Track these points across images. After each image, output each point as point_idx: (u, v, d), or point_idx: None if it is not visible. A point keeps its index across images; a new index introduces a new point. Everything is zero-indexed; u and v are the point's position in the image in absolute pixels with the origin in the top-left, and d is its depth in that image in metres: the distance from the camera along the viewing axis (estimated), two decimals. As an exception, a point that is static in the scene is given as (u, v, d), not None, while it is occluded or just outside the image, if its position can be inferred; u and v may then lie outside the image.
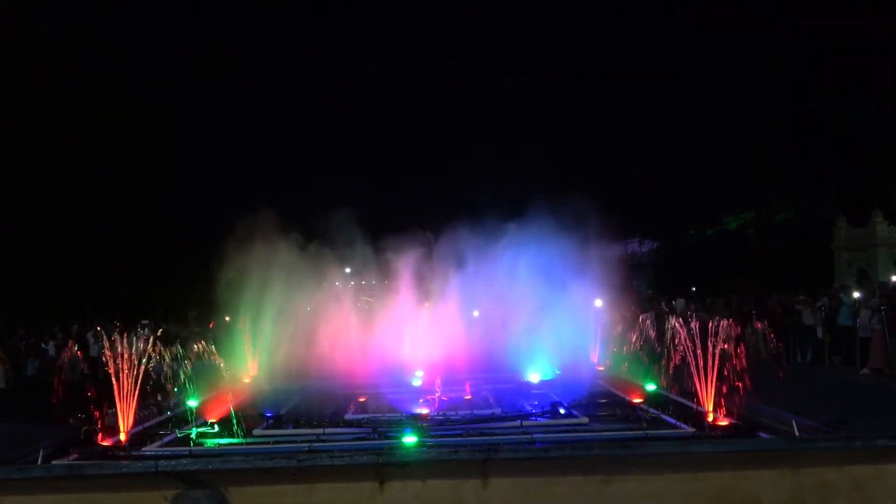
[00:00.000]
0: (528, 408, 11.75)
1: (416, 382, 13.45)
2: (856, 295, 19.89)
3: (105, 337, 11.45)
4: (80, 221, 32.43)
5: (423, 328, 15.34)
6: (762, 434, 9.27)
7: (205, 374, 12.59)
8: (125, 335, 11.11)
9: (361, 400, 12.66)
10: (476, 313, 16.67)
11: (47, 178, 30.67)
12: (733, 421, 10.01)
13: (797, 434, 8.85)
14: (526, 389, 13.20)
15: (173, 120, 37.79)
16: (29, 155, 30.05)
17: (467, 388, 12.84)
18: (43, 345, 22.15)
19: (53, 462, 8.07)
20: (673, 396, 11.40)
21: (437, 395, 12.40)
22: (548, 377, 14.18)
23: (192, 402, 11.47)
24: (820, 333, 20.17)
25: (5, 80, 29.77)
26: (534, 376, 13.94)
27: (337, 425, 10.84)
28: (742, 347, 11.13)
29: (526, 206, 15.55)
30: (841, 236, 32.02)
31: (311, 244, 15.28)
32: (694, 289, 32.81)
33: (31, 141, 29.93)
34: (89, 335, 22.08)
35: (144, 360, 10.96)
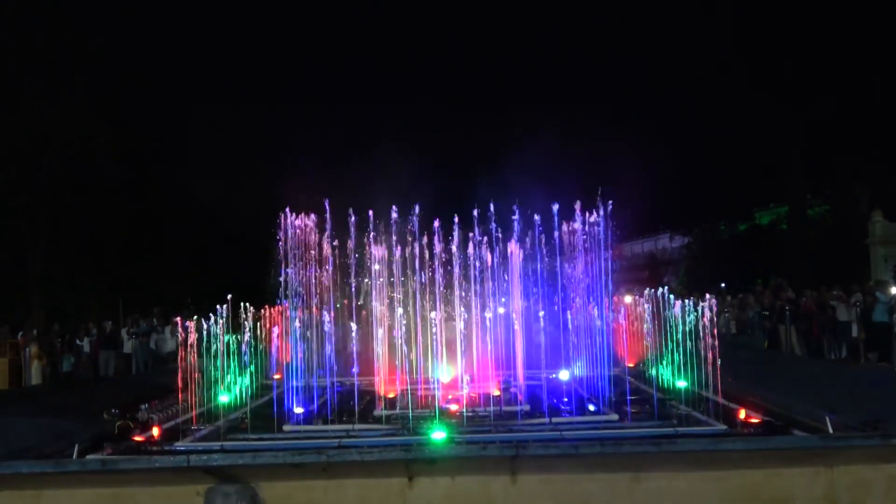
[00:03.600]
0: (558, 405, 11.71)
1: (445, 379, 13.45)
2: (893, 291, 19.57)
3: (181, 324, 11.68)
4: (114, 220, 32.90)
5: (451, 325, 15.33)
6: (796, 431, 9.14)
7: (236, 369, 12.70)
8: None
9: (391, 396, 12.70)
10: (502, 310, 16.62)
11: (82, 177, 31.16)
12: (766, 418, 9.87)
13: (831, 432, 8.71)
14: (555, 386, 13.14)
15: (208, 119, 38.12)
16: (64, 155, 30.54)
17: (496, 384, 12.82)
18: (78, 341, 22.54)
19: (88, 457, 8.19)
20: (705, 393, 11.27)
21: (465, 391, 12.39)
22: (577, 374, 14.11)
23: (224, 398, 11.59)
24: (855, 330, 19.87)
25: (38, 83, 30.29)
26: (563, 373, 13.87)
27: (366, 421, 10.90)
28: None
29: (555, 200, 15.40)
30: (877, 231, 31.46)
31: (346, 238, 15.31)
32: (724, 285, 32.41)
33: (65, 140, 30.43)
34: (123, 332, 22.43)
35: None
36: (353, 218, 14.21)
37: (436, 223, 14.46)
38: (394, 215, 14.61)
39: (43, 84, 30.25)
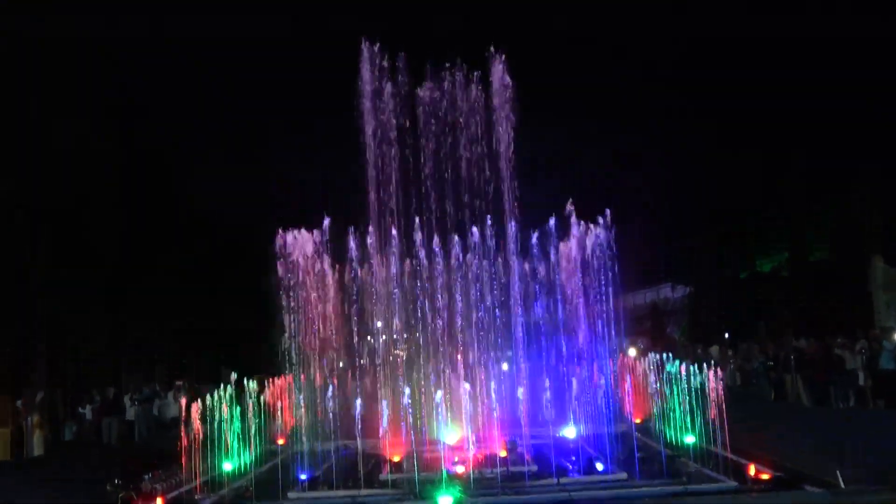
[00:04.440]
0: (566, 464, 11.60)
1: (451, 440, 13.33)
2: (897, 337, 19.50)
3: (184, 391, 11.68)
4: (114, 234, 32.64)
5: (457, 383, 15.25)
6: (807, 486, 9.05)
7: (238, 436, 12.61)
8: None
9: (396, 459, 12.58)
10: (505, 366, 16.55)
11: (83, 191, 31.04)
12: (776, 473, 9.77)
13: (842, 486, 8.62)
14: (562, 444, 13.02)
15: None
16: (65, 167, 30.37)
17: (503, 444, 12.70)
18: (80, 408, 22.36)
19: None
20: (713, 449, 11.17)
21: (471, 452, 12.29)
22: (583, 431, 13.98)
23: (228, 466, 11.49)
24: (862, 377, 19.73)
25: (44, 100, 30.38)
26: (569, 431, 13.76)
27: (372, 486, 10.79)
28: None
29: (556, 253, 15.49)
30: (877, 276, 31.43)
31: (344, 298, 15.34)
32: (727, 334, 32.29)
33: (68, 153, 30.31)
34: (126, 398, 22.27)
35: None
36: (357, 276, 14.24)
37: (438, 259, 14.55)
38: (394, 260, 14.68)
39: (46, 102, 30.23)
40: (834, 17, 35.21)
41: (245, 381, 12.86)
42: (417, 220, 15.59)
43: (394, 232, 15.42)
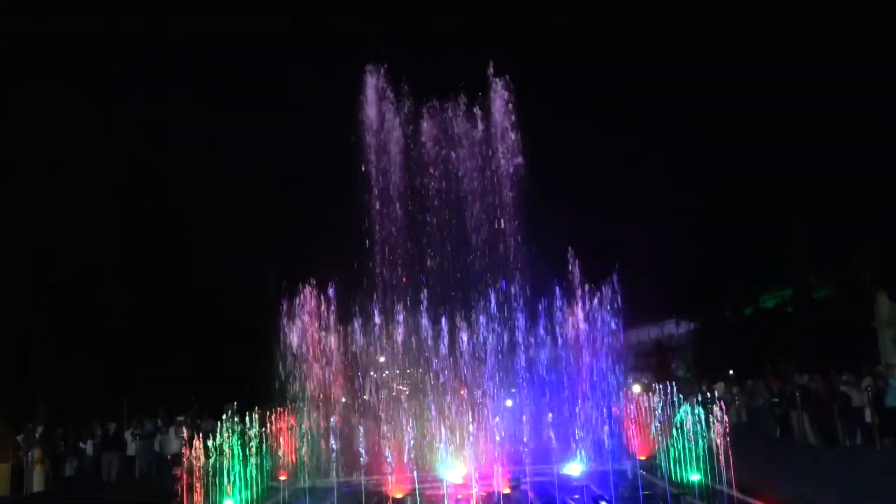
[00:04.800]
0: (569, 502, 11.48)
1: (453, 477, 13.22)
2: (903, 374, 19.36)
3: (185, 427, 11.66)
4: (119, 313, 32.84)
5: (458, 419, 15.16)
6: (814, 527, 8.95)
7: (240, 472, 12.52)
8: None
9: (399, 496, 12.47)
10: (509, 403, 16.47)
11: (88, 277, 31.34)
12: (783, 512, 9.67)
13: (851, 526, 8.53)
14: (566, 482, 12.89)
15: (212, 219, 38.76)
16: (72, 258, 30.79)
17: (506, 482, 12.58)
18: (81, 444, 22.21)
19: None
20: (719, 487, 11.06)
21: (475, 489, 12.18)
22: (588, 468, 13.86)
23: (230, 503, 11.39)
24: (868, 415, 19.57)
25: (46, 180, 30.77)
26: (573, 468, 13.64)
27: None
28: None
29: (560, 288, 15.51)
30: (882, 313, 31.32)
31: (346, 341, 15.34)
32: (732, 371, 32.12)
33: (73, 241, 30.72)
34: (127, 434, 22.14)
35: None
36: (357, 321, 14.26)
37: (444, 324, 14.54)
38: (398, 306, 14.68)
39: (50, 176, 30.61)
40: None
41: (247, 415, 12.80)
42: (425, 292, 15.64)
43: (399, 308, 15.46)
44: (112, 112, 33.97)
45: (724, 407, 11.21)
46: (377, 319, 15.77)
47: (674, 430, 12.79)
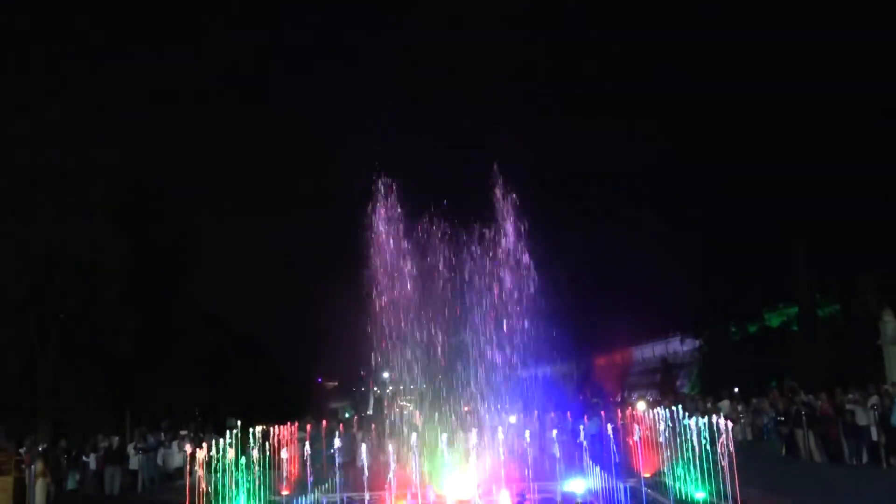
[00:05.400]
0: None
1: (456, 494, 13.15)
2: (909, 393, 19.26)
3: (189, 441, 11.66)
4: (123, 332, 32.97)
5: (462, 436, 15.11)
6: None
7: (245, 485, 12.49)
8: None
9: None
10: (513, 419, 16.39)
11: (93, 291, 31.44)
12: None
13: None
14: (570, 499, 12.82)
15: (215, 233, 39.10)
16: (75, 268, 30.94)
17: (509, 498, 12.52)
18: (84, 457, 22.17)
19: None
20: (724, 504, 10.99)
21: (478, 505, 12.13)
22: (591, 486, 13.77)
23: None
24: (874, 433, 19.44)
25: (55, 195, 30.97)
26: (577, 484, 13.55)
27: (378, 540, 10.63)
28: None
29: (566, 305, 15.48)
30: (888, 331, 31.18)
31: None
32: (737, 389, 31.99)
33: (78, 254, 30.88)
34: (130, 447, 22.10)
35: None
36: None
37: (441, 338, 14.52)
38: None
39: (57, 196, 30.87)
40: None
41: (251, 430, 12.77)
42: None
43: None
44: (121, 138, 34.30)
45: (729, 422, 11.15)
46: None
47: (679, 446, 12.73)
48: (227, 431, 12.32)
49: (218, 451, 11.51)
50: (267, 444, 13.69)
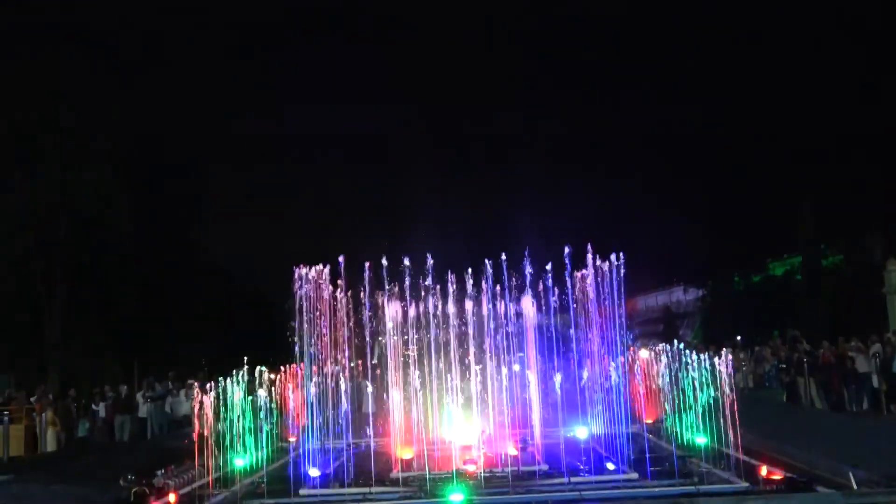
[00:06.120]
0: (577, 464, 11.57)
1: (461, 439, 13.33)
2: (911, 340, 19.37)
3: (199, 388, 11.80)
4: (129, 284, 33.17)
5: (467, 384, 15.24)
6: (819, 488, 9.01)
7: (251, 433, 12.66)
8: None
9: (407, 458, 12.60)
10: (517, 367, 16.50)
11: (100, 242, 31.56)
12: (788, 474, 9.72)
13: (855, 487, 8.58)
14: (573, 444, 12.99)
15: (221, 182, 39.08)
16: (82, 218, 31.01)
17: (514, 443, 12.69)
18: (93, 406, 22.49)
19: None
20: (725, 449, 11.12)
21: (482, 451, 12.30)
22: (595, 431, 13.94)
23: (240, 462, 11.53)
24: (875, 381, 19.60)
25: (60, 148, 30.93)
26: (580, 430, 13.71)
27: (383, 484, 10.81)
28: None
29: (568, 252, 15.42)
30: (892, 280, 31.23)
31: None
32: (739, 338, 32.16)
33: (85, 205, 30.96)
34: (138, 396, 22.39)
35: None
36: (367, 272, 14.19)
37: (450, 276, 14.50)
38: (406, 266, 14.62)
39: (62, 149, 30.86)
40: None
41: (257, 372, 12.86)
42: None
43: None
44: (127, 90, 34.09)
45: (730, 362, 11.23)
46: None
47: (680, 390, 12.85)
48: (233, 377, 12.41)
49: (225, 394, 11.64)
50: (273, 389, 13.82)
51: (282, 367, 15.04)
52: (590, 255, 14.36)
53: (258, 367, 12.92)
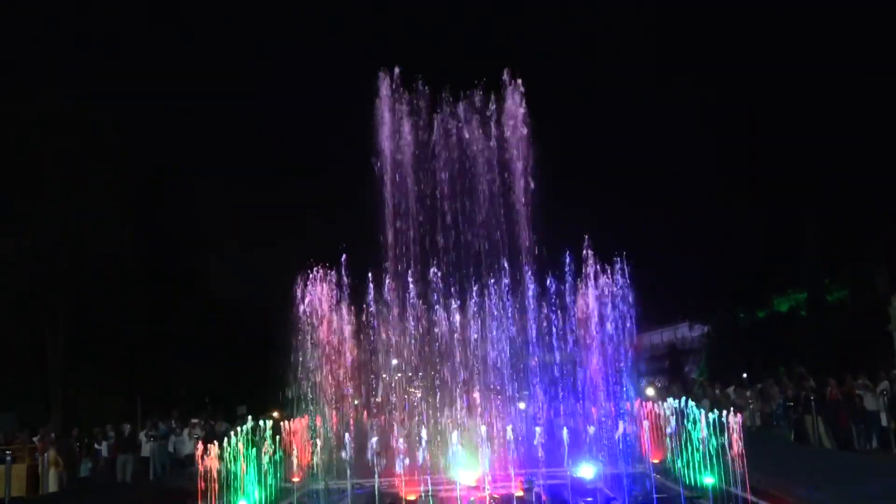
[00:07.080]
0: (582, 505, 11.46)
1: (466, 479, 13.21)
2: (919, 378, 19.21)
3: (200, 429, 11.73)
4: (133, 319, 33.12)
5: (472, 421, 15.15)
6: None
7: (254, 473, 12.57)
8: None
9: (411, 499, 12.48)
10: (522, 405, 16.43)
11: (103, 276, 31.56)
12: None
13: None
14: (579, 485, 12.86)
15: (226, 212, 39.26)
16: (86, 252, 31.02)
17: (519, 484, 12.57)
18: (96, 445, 22.35)
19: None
20: (733, 490, 11.00)
21: (488, 492, 12.18)
22: (601, 471, 13.80)
23: (243, 503, 11.44)
24: (884, 419, 19.40)
25: (65, 180, 31.04)
26: (586, 471, 13.58)
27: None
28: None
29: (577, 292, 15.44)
30: (897, 316, 31.10)
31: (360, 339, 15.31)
32: (745, 375, 31.99)
33: (88, 239, 30.99)
34: (141, 435, 22.26)
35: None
36: (372, 318, 14.21)
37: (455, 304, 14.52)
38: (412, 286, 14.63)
39: (65, 182, 30.93)
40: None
41: (260, 421, 12.82)
42: (434, 269, 15.59)
43: (409, 277, 15.42)
44: (128, 122, 34.34)
45: (738, 414, 11.14)
46: (390, 300, 15.74)
47: (686, 434, 12.74)
48: (237, 420, 12.37)
49: (229, 440, 11.58)
50: (278, 437, 13.74)
51: (287, 420, 14.97)
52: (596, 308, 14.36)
53: (261, 421, 12.86)
